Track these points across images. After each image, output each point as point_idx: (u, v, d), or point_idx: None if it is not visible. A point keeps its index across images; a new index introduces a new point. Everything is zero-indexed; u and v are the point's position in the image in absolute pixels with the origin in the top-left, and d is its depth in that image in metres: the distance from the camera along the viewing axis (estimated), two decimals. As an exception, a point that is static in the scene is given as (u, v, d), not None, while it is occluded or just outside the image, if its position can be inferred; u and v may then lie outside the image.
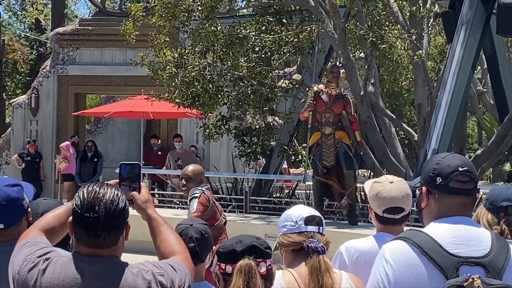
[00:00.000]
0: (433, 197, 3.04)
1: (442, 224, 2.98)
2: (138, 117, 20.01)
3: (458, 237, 2.93)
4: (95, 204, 2.88)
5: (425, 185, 3.07)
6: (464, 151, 16.17)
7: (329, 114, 11.79)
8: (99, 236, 2.88)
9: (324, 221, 3.79)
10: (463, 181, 3.01)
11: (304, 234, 3.66)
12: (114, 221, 2.91)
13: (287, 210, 3.85)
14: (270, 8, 15.03)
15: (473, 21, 13.00)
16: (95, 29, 22.38)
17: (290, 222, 3.71)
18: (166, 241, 3.17)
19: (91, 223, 2.87)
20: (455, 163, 3.02)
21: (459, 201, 3.01)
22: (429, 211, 3.06)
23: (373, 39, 13.54)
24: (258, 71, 14.46)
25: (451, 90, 12.79)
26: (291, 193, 15.52)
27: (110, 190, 2.95)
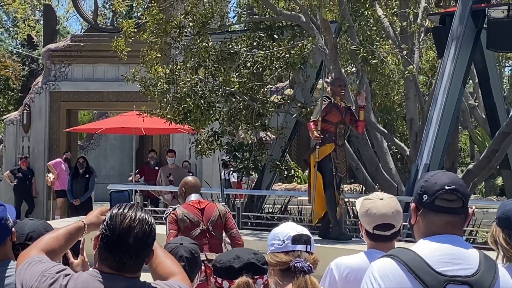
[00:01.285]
0: (420, 214, 3.05)
1: (430, 242, 2.98)
2: (130, 133, 20.00)
3: (446, 256, 2.92)
4: (128, 234, 2.87)
5: (414, 202, 3.08)
6: (456, 165, 16.19)
7: (342, 125, 11.84)
8: (125, 264, 2.89)
9: (312, 239, 3.78)
10: (449, 199, 3.00)
11: (291, 253, 3.66)
12: (143, 252, 2.92)
13: (276, 228, 3.84)
14: (261, 23, 15.05)
15: (464, 36, 13.05)
16: (87, 45, 22.40)
17: (278, 241, 3.71)
18: (163, 263, 3.19)
19: (120, 251, 2.88)
20: (442, 181, 3.01)
21: (445, 219, 3.00)
22: (418, 228, 3.07)
23: (364, 54, 13.57)
24: (249, 86, 14.47)
25: (442, 104, 12.83)
26: (283, 209, 15.50)
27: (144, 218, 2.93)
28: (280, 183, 20.91)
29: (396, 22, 15.82)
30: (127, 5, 23.11)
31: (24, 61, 33.95)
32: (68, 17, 45.36)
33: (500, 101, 15.48)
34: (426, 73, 21.52)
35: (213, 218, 7.35)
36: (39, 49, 31.69)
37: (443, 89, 12.94)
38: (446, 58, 13.18)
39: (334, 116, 11.70)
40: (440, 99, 12.91)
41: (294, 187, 21.30)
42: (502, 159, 15.09)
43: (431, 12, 15.99)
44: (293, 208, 15.56)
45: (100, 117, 28.97)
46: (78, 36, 24.57)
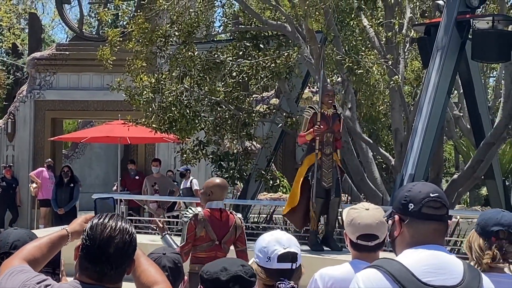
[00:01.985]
0: (405, 224, 3.05)
1: (415, 252, 2.98)
2: (115, 142, 19.96)
3: (431, 266, 2.93)
4: (108, 244, 2.86)
5: (398, 213, 3.08)
6: (440, 175, 16.23)
7: (330, 134, 11.70)
8: (105, 274, 2.88)
9: (299, 254, 3.76)
10: (435, 207, 3.02)
11: (275, 271, 3.64)
12: (124, 262, 2.91)
13: (264, 237, 3.80)
14: (247, 33, 15.08)
15: (449, 47, 13.10)
16: (72, 54, 22.34)
17: (263, 256, 3.69)
18: (146, 271, 3.17)
19: (101, 261, 2.87)
20: (426, 190, 3.04)
21: (432, 227, 3.02)
22: (403, 239, 3.06)
23: (350, 64, 13.61)
24: (235, 96, 14.48)
25: (427, 115, 12.86)
26: (268, 219, 15.48)
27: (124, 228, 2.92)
28: (265, 192, 20.89)
29: (382, 32, 15.87)
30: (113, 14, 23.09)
31: (9, 70, 33.84)
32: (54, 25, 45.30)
33: (484, 111, 15.54)
34: (411, 83, 21.58)
35: (229, 233, 7.13)
36: (24, 58, 31.60)
37: (428, 100, 12.98)
38: (431, 69, 13.22)
39: (322, 125, 11.61)
40: (425, 110, 12.95)
41: (279, 197, 21.26)
42: (486, 169, 15.14)
43: (416, 23, 16.04)
44: (279, 218, 15.53)
45: (85, 126, 28.89)
46: (63, 44, 24.50)
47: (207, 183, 7.31)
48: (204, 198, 7.22)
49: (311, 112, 11.67)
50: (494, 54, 13.40)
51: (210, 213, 7.11)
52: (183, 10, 14.23)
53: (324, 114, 11.69)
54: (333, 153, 11.71)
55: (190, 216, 7.05)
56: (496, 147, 15.12)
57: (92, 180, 28.82)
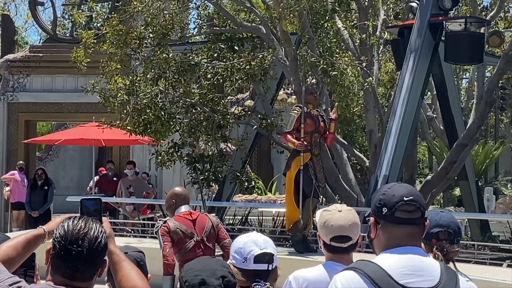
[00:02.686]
0: (380, 227, 3.06)
1: (391, 254, 3.00)
2: (89, 144, 19.88)
3: (408, 268, 2.95)
4: (79, 238, 2.90)
5: (373, 215, 3.09)
6: (414, 176, 16.34)
7: (317, 134, 11.68)
8: (77, 270, 2.91)
9: (275, 255, 3.78)
10: (409, 210, 3.02)
11: (252, 272, 3.66)
12: (96, 258, 2.94)
13: (240, 239, 3.82)
14: (222, 35, 15.07)
15: (422, 49, 13.20)
16: (46, 56, 22.21)
17: (240, 257, 3.71)
18: (127, 276, 3.19)
19: (73, 257, 2.90)
20: (400, 193, 3.04)
21: (405, 230, 3.03)
22: (379, 242, 3.08)
23: (324, 66, 13.66)
24: (210, 98, 14.47)
25: (401, 116, 12.95)
26: (244, 220, 15.50)
27: (95, 226, 2.97)
28: (240, 194, 20.91)
29: (356, 35, 15.95)
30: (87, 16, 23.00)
31: (-18, 72, 33.51)
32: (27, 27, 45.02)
33: (457, 112, 15.67)
34: (385, 85, 21.70)
35: (206, 229, 7.20)
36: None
37: (401, 101, 13.07)
38: (404, 70, 13.31)
39: (309, 126, 11.54)
40: (399, 111, 13.04)
41: (254, 199, 21.32)
42: (460, 170, 15.26)
43: (390, 25, 16.14)
44: (254, 219, 15.57)
45: (59, 128, 28.73)
46: (37, 46, 24.37)
47: (167, 195, 7.50)
48: (170, 211, 7.37)
49: (299, 111, 11.57)
50: (467, 56, 13.53)
51: (179, 216, 7.21)
52: (157, 12, 14.19)
53: (311, 114, 11.63)
54: (321, 154, 11.74)
55: (161, 223, 7.18)
56: (469, 148, 15.24)
57: (66, 182, 28.66)
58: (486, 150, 27.89)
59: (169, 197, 7.41)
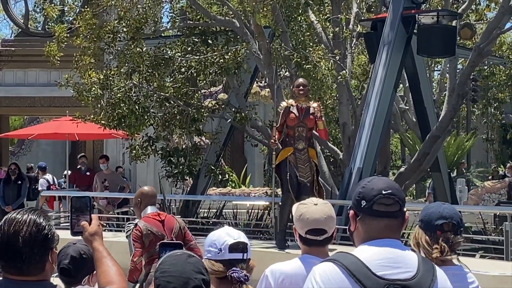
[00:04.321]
0: (359, 220, 3.11)
1: (369, 247, 3.04)
2: (63, 138, 19.80)
3: (385, 260, 2.99)
4: (14, 238, 2.89)
5: (353, 208, 3.14)
6: (388, 168, 16.45)
7: (302, 128, 11.15)
8: (20, 268, 2.90)
9: (249, 245, 3.84)
10: (387, 203, 3.07)
11: (228, 262, 3.71)
12: (35, 254, 2.92)
13: (213, 233, 3.87)
14: (195, 29, 15.08)
15: (395, 42, 13.29)
16: (18, 50, 22.08)
17: (215, 248, 3.76)
18: (106, 272, 3.23)
19: (12, 257, 2.89)
20: (379, 186, 3.09)
21: (384, 223, 3.07)
22: (358, 234, 3.13)
23: (298, 60, 13.71)
24: (184, 91, 14.48)
25: (374, 109, 13.04)
26: (218, 213, 15.52)
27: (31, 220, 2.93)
28: (214, 187, 20.92)
29: (329, 28, 16.01)
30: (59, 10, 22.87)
31: (-47, 66, 33.22)
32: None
33: (430, 105, 15.78)
34: (358, 78, 21.80)
35: (175, 230, 7.23)
36: (-32, 54, 31.05)
37: (375, 94, 13.16)
38: (378, 63, 13.40)
39: (291, 120, 11.12)
40: (372, 104, 13.13)
41: (228, 192, 21.33)
42: (432, 162, 15.39)
43: (362, 18, 16.23)
44: (228, 213, 15.60)
45: (31, 122, 28.56)
46: (9, 40, 24.22)
47: (136, 194, 7.51)
48: (137, 210, 7.40)
49: (283, 105, 11.20)
50: (439, 49, 13.64)
51: (149, 218, 7.23)
52: (130, 6, 14.16)
53: (298, 107, 11.16)
54: (308, 148, 11.17)
55: (131, 227, 7.20)
56: (441, 140, 15.38)
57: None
58: (458, 142, 28.15)
59: (136, 196, 7.45)
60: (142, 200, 7.32)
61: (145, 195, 7.37)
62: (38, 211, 3.01)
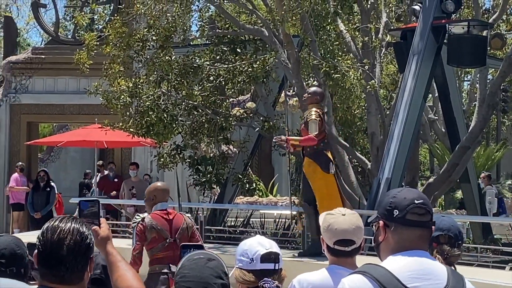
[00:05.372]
0: (390, 230, 3.07)
1: (399, 258, 3.01)
2: (91, 146, 19.88)
3: (416, 271, 2.96)
4: (60, 246, 2.86)
5: (383, 219, 3.10)
6: (416, 179, 16.32)
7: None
8: (63, 277, 2.88)
9: (281, 255, 3.80)
10: (420, 213, 3.05)
11: (259, 272, 3.67)
12: (79, 262, 2.90)
13: (244, 242, 3.84)
14: (224, 37, 15.10)
15: (425, 52, 13.20)
16: (48, 58, 22.23)
17: (246, 258, 3.72)
18: (123, 276, 3.20)
19: (56, 265, 2.87)
20: (411, 196, 3.07)
21: (416, 233, 3.05)
22: (387, 245, 3.09)
23: (326, 69, 13.66)
24: (212, 100, 14.51)
25: (403, 120, 12.95)
26: (245, 222, 15.50)
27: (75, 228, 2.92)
28: (241, 196, 20.91)
29: (358, 37, 15.95)
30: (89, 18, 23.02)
31: (-16, 73, 33.54)
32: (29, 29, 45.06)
33: (459, 115, 15.65)
34: (386, 87, 21.69)
35: (181, 230, 7.29)
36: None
37: (404, 104, 13.07)
38: (407, 73, 13.32)
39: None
40: (401, 114, 13.04)
41: (255, 201, 21.30)
42: (462, 173, 15.25)
43: (392, 27, 16.14)
44: (256, 222, 15.57)
45: (61, 129, 28.74)
46: (39, 48, 24.40)
47: (149, 189, 7.54)
48: (148, 204, 7.43)
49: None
50: (469, 59, 13.53)
51: (156, 214, 7.28)
52: (160, 15, 14.22)
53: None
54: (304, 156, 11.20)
55: (138, 220, 7.25)
56: (471, 151, 15.24)
57: (68, 184, 28.62)
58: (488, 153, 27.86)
59: (150, 191, 7.45)
60: (157, 195, 7.36)
61: (160, 190, 7.42)
62: (78, 220, 2.99)
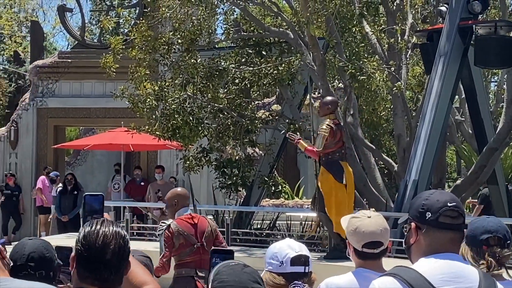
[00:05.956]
0: (422, 233, 3.06)
1: (430, 260, 3.00)
2: (118, 149, 19.97)
3: (447, 274, 2.95)
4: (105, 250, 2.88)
5: (414, 221, 3.09)
6: (443, 181, 16.24)
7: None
8: (106, 280, 2.90)
9: (310, 258, 3.78)
10: (452, 216, 3.04)
11: (289, 275, 3.66)
12: (121, 265, 2.93)
13: (274, 245, 3.83)
14: (249, 40, 15.11)
15: (451, 53, 13.12)
16: (74, 62, 22.36)
17: (276, 261, 3.71)
18: (134, 272, 3.23)
19: (100, 268, 2.89)
20: (443, 199, 3.06)
21: (449, 236, 3.04)
22: (418, 247, 3.08)
23: (352, 71, 13.62)
24: (238, 103, 14.51)
25: (430, 121, 12.88)
26: (272, 225, 15.48)
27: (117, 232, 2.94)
28: (267, 199, 20.90)
29: (384, 39, 15.88)
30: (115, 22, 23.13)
31: (11, 78, 33.86)
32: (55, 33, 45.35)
33: (487, 116, 15.53)
34: (412, 89, 21.58)
35: (206, 234, 7.36)
36: (26, 65, 31.63)
37: (431, 106, 13.00)
38: (434, 75, 13.24)
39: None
40: (428, 116, 12.96)
41: (281, 203, 21.28)
42: (489, 175, 15.14)
43: (418, 29, 16.06)
44: (282, 224, 15.55)
45: (87, 133, 28.87)
46: (66, 52, 24.54)
47: (170, 195, 7.60)
48: (171, 210, 7.51)
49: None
50: (496, 60, 13.42)
51: (182, 220, 7.35)
52: (185, 18, 14.26)
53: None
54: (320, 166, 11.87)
55: (164, 227, 7.28)
56: (499, 152, 15.13)
57: (94, 187, 28.72)
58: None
59: (171, 197, 7.53)
60: (179, 201, 7.46)
61: (182, 196, 7.53)
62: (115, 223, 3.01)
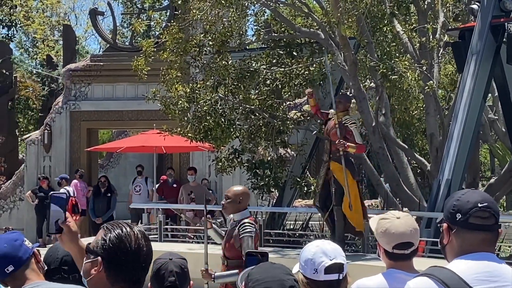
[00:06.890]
0: (453, 233, 3.05)
1: (465, 260, 2.99)
2: (150, 151, 20.08)
3: (482, 273, 2.94)
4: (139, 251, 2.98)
5: (446, 221, 3.08)
6: (477, 180, 16.13)
7: (327, 141, 12.19)
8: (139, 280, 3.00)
9: (345, 264, 3.75)
10: (483, 217, 3.02)
11: (322, 283, 3.66)
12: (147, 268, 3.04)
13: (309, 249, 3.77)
14: (280, 41, 15.11)
15: (483, 51, 13.02)
16: (106, 65, 22.52)
17: (310, 268, 3.69)
18: None
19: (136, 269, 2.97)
20: (474, 199, 3.04)
21: (480, 237, 3.02)
22: (451, 248, 3.08)
23: (384, 70, 13.57)
24: (269, 104, 14.53)
25: (463, 120, 12.80)
26: (305, 225, 15.47)
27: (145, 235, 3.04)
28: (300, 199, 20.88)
29: (415, 38, 15.80)
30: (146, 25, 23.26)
31: (44, 81, 34.16)
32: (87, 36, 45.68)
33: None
34: (445, 88, 21.44)
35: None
36: (59, 69, 31.89)
37: (463, 105, 12.91)
38: (466, 74, 13.15)
39: (325, 131, 12.35)
40: (460, 115, 12.88)
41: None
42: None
43: (449, 27, 15.95)
44: (315, 225, 15.53)
45: (120, 135, 29.09)
46: (98, 55, 24.73)
47: (235, 191, 7.40)
48: (233, 206, 7.35)
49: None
50: (529, 57, 13.29)
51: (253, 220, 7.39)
52: (216, 20, 14.29)
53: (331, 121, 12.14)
54: (330, 161, 12.04)
55: (249, 226, 7.18)
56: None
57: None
58: (550, 152, 27.34)
59: (238, 193, 7.32)
60: (244, 199, 7.33)
61: (248, 195, 7.44)
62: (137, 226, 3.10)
